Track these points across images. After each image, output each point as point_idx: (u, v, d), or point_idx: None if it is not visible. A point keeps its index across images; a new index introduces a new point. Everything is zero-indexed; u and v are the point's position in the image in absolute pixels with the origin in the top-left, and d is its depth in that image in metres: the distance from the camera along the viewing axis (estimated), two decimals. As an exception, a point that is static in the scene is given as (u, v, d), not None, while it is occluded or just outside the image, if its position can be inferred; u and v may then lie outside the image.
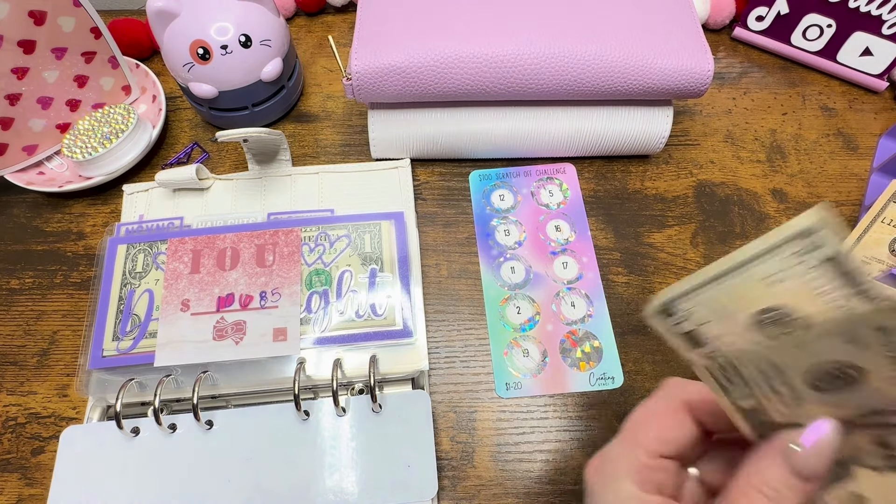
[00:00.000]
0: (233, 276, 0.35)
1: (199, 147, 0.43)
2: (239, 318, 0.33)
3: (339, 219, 0.37)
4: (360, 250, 0.36)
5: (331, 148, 0.43)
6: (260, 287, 0.34)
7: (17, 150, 0.40)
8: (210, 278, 0.35)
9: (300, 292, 0.34)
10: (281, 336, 0.33)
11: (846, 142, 0.44)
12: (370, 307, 0.34)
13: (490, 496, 0.31)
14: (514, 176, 0.42)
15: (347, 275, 0.35)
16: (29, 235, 0.40)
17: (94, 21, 0.39)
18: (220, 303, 0.34)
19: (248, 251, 0.35)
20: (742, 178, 0.42)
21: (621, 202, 0.41)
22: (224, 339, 0.33)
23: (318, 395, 0.33)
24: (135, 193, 0.40)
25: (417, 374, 0.33)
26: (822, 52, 0.46)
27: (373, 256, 0.36)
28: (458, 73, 0.35)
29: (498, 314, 0.36)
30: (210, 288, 0.34)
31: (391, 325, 0.34)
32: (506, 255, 0.39)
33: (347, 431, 0.31)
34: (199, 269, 0.35)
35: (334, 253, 0.35)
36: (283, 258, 0.35)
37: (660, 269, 0.38)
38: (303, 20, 0.51)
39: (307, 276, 0.35)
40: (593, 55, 0.35)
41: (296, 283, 0.34)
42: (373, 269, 0.35)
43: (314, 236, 0.36)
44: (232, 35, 0.37)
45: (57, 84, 0.40)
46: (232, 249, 0.35)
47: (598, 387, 0.34)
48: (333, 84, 0.47)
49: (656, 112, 0.39)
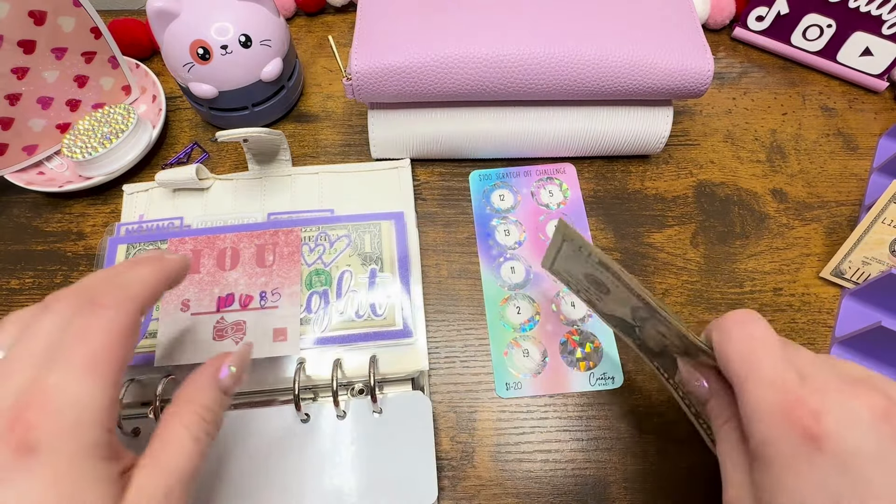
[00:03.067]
0: (233, 276, 0.35)
1: (199, 147, 0.43)
2: (239, 318, 0.33)
3: (340, 219, 0.37)
4: (360, 250, 0.36)
5: (331, 148, 0.43)
6: (260, 287, 0.34)
7: (17, 150, 0.40)
8: (210, 278, 0.35)
9: (300, 292, 0.34)
10: (281, 336, 0.33)
11: (846, 142, 0.44)
12: (370, 307, 0.34)
13: (490, 496, 0.31)
14: (514, 176, 0.42)
15: (347, 275, 0.35)
16: (29, 235, 0.40)
17: (94, 21, 0.39)
18: (220, 303, 0.34)
19: (249, 251, 0.35)
20: (742, 178, 0.42)
21: (621, 202, 0.41)
22: (224, 339, 0.33)
23: (318, 395, 0.33)
24: (135, 193, 0.40)
25: (417, 375, 0.33)
26: (822, 52, 0.46)
27: (373, 256, 0.36)
28: (459, 74, 0.35)
29: (498, 314, 0.36)
30: (210, 288, 0.34)
31: (391, 325, 0.34)
32: (506, 255, 0.39)
33: (347, 435, 0.31)
34: (199, 269, 0.35)
35: (334, 253, 0.35)
36: (284, 258, 0.35)
37: (660, 269, 0.38)
38: (303, 20, 0.51)
39: (307, 276, 0.35)
40: (593, 55, 0.35)
41: (296, 283, 0.34)
42: (373, 270, 0.35)
43: (314, 236, 0.36)
44: (232, 35, 0.37)
45: (57, 84, 0.40)
46: (232, 249, 0.35)
47: (599, 387, 0.34)
48: (333, 84, 0.47)
49: (656, 112, 0.39)
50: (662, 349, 0.28)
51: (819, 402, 0.18)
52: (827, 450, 0.17)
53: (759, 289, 0.38)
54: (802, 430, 0.17)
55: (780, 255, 0.39)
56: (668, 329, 0.25)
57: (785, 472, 0.17)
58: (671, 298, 0.37)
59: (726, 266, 0.38)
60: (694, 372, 0.24)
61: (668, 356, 0.27)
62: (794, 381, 0.19)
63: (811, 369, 0.19)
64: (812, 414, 0.17)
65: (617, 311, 0.29)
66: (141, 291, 0.22)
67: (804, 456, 0.17)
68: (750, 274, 0.38)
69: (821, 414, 0.17)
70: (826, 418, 0.17)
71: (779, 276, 0.38)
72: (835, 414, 0.17)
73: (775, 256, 0.39)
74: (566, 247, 0.28)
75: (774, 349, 0.20)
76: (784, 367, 0.19)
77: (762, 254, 0.39)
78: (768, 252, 0.39)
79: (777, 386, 0.19)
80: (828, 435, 0.17)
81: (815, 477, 0.17)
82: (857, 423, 0.17)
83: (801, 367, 0.19)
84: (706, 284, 0.38)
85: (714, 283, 0.38)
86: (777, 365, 0.19)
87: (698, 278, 0.38)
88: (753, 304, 0.37)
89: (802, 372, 0.19)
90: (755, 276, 0.38)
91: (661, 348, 0.28)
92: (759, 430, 0.18)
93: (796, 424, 0.17)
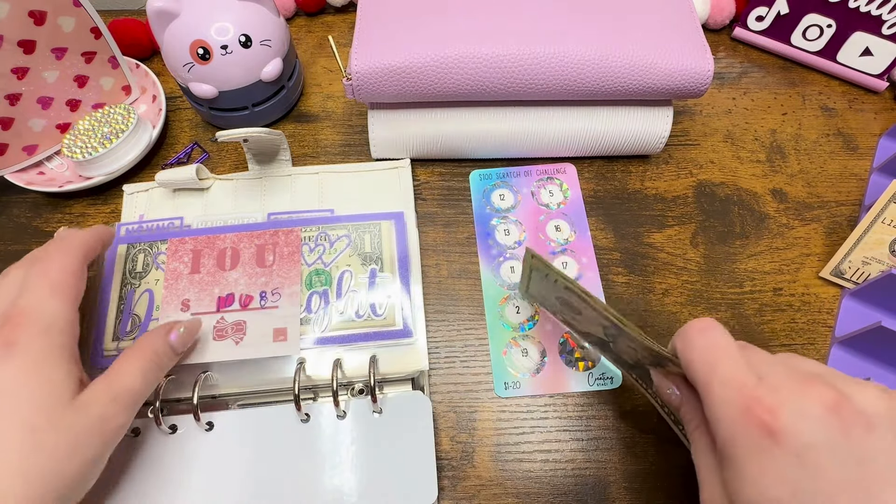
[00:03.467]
0: (233, 276, 0.35)
1: (199, 147, 0.43)
2: (239, 318, 0.33)
3: (339, 219, 0.37)
4: (360, 250, 0.36)
5: (331, 148, 0.43)
6: (260, 287, 0.34)
7: (17, 150, 0.40)
8: (210, 278, 0.35)
9: (300, 292, 0.34)
10: (281, 336, 0.33)
11: (846, 142, 0.44)
12: (370, 307, 0.34)
13: (490, 496, 0.31)
14: (514, 175, 0.42)
15: (347, 275, 0.35)
16: (29, 235, 0.40)
17: (94, 21, 0.39)
18: (220, 303, 0.34)
19: (249, 251, 0.35)
20: (742, 178, 0.42)
21: (621, 202, 0.41)
22: (224, 339, 0.33)
23: (318, 395, 0.33)
24: (135, 193, 0.40)
25: (417, 374, 0.33)
26: (822, 52, 0.46)
27: (373, 256, 0.36)
28: (459, 73, 0.35)
29: (497, 313, 0.36)
30: (210, 288, 0.34)
31: (391, 325, 0.34)
32: (505, 254, 0.39)
33: (347, 435, 0.31)
34: (200, 269, 0.35)
35: (334, 253, 0.35)
36: (284, 258, 0.35)
37: (660, 269, 0.38)
38: (303, 20, 0.51)
39: (307, 276, 0.35)
40: (593, 55, 0.35)
41: (296, 283, 0.34)
42: (373, 270, 0.35)
43: (314, 236, 0.36)
44: (232, 35, 0.37)
45: (57, 84, 0.40)
46: (232, 249, 0.35)
47: (597, 387, 0.34)
48: (333, 84, 0.47)
49: (656, 112, 0.39)
50: (636, 361, 0.28)
51: (775, 399, 0.19)
52: (784, 443, 0.18)
53: (759, 289, 0.38)
54: (760, 426, 0.18)
55: (780, 255, 0.39)
56: (637, 343, 0.25)
57: (748, 466, 0.19)
58: (671, 298, 0.37)
59: (726, 266, 0.38)
60: (665, 380, 0.25)
61: (643, 367, 0.28)
62: (752, 381, 0.20)
63: (767, 369, 0.20)
64: (768, 410, 0.18)
65: (592, 329, 0.30)
66: (81, 244, 0.29)
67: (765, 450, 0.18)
68: (750, 274, 0.38)
69: (776, 410, 0.18)
70: (781, 414, 0.18)
71: (779, 276, 0.38)
72: (789, 409, 0.18)
73: (775, 256, 0.39)
74: (535, 275, 0.29)
75: (732, 352, 0.21)
76: (742, 368, 0.20)
77: (762, 254, 0.39)
78: (768, 252, 0.39)
79: (736, 386, 0.20)
80: (784, 429, 0.18)
81: (775, 469, 0.18)
82: (809, 416, 0.18)
83: (758, 368, 0.20)
84: (706, 284, 0.38)
85: (714, 283, 0.38)
86: (735, 367, 0.20)
87: (698, 278, 0.38)
88: (753, 304, 0.37)
89: (759, 372, 0.20)
90: (755, 276, 0.38)
91: (635, 361, 0.28)
92: (723, 429, 0.20)
93: (755, 421, 0.19)
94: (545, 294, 0.31)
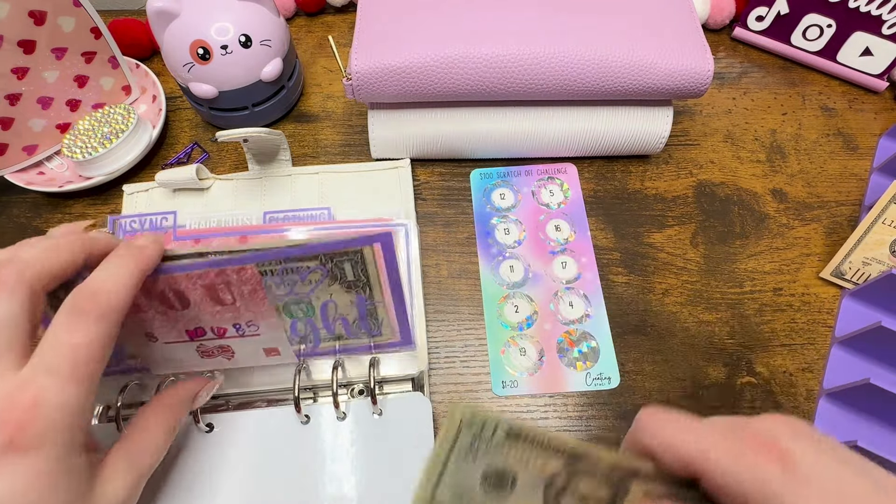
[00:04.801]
0: (190, 313, 0.28)
1: (199, 147, 0.43)
2: (220, 343, 0.30)
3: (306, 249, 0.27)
4: (342, 280, 0.28)
5: (331, 148, 0.43)
6: (230, 321, 0.29)
7: (17, 150, 0.40)
8: (163, 317, 0.28)
9: (280, 321, 0.29)
10: (274, 353, 0.31)
11: (846, 142, 0.44)
12: (365, 328, 0.31)
13: (490, 496, 0.31)
14: (515, 175, 0.42)
15: (332, 305, 0.29)
16: (29, 235, 0.39)
17: (94, 21, 0.39)
18: (190, 334, 0.29)
19: (195, 292, 0.28)
20: (742, 178, 0.42)
21: (621, 202, 0.41)
22: (214, 357, 0.30)
23: (318, 396, 0.33)
24: (135, 193, 0.40)
25: (417, 375, 0.33)
26: (822, 52, 0.46)
27: (358, 284, 0.28)
28: (459, 73, 0.35)
29: (496, 312, 0.36)
30: (172, 323, 0.28)
31: (389, 338, 0.31)
32: (505, 253, 0.39)
33: (347, 436, 0.31)
34: (147, 309, 0.28)
35: (310, 284, 0.28)
36: (245, 297, 0.28)
37: (660, 269, 0.38)
38: (303, 20, 0.51)
39: (283, 306, 0.29)
40: (593, 55, 0.35)
41: (271, 315, 0.29)
42: (360, 297, 0.29)
43: (278, 269, 0.27)
44: (232, 35, 0.37)
45: (57, 84, 0.40)
46: (174, 291, 0.27)
47: (595, 387, 0.34)
48: (333, 84, 0.47)
49: (656, 112, 0.39)
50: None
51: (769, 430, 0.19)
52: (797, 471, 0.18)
53: (759, 289, 0.38)
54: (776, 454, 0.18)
55: (780, 255, 0.39)
56: (596, 475, 0.21)
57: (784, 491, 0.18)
58: (671, 298, 0.37)
59: (726, 266, 0.38)
60: None
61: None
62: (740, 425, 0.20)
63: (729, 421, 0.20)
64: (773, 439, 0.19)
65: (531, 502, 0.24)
66: (118, 302, 0.22)
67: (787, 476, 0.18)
68: (750, 274, 0.38)
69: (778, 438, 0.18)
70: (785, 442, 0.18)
71: (779, 276, 0.38)
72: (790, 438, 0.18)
73: (775, 256, 0.39)
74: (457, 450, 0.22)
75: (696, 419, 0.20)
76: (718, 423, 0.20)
77: (762, 254, 0.39)
78: (768, 252, 0.39)
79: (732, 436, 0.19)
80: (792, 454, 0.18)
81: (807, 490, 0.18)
82: None
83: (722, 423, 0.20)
84: (706, 284, 0.38)
85: (714, 283, 0.38)
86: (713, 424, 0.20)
87: (698, 278, 0.38)
88: (753, 304, 0.37)
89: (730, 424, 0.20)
90: (755, 276, 0.38)
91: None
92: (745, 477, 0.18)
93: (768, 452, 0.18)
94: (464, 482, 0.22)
